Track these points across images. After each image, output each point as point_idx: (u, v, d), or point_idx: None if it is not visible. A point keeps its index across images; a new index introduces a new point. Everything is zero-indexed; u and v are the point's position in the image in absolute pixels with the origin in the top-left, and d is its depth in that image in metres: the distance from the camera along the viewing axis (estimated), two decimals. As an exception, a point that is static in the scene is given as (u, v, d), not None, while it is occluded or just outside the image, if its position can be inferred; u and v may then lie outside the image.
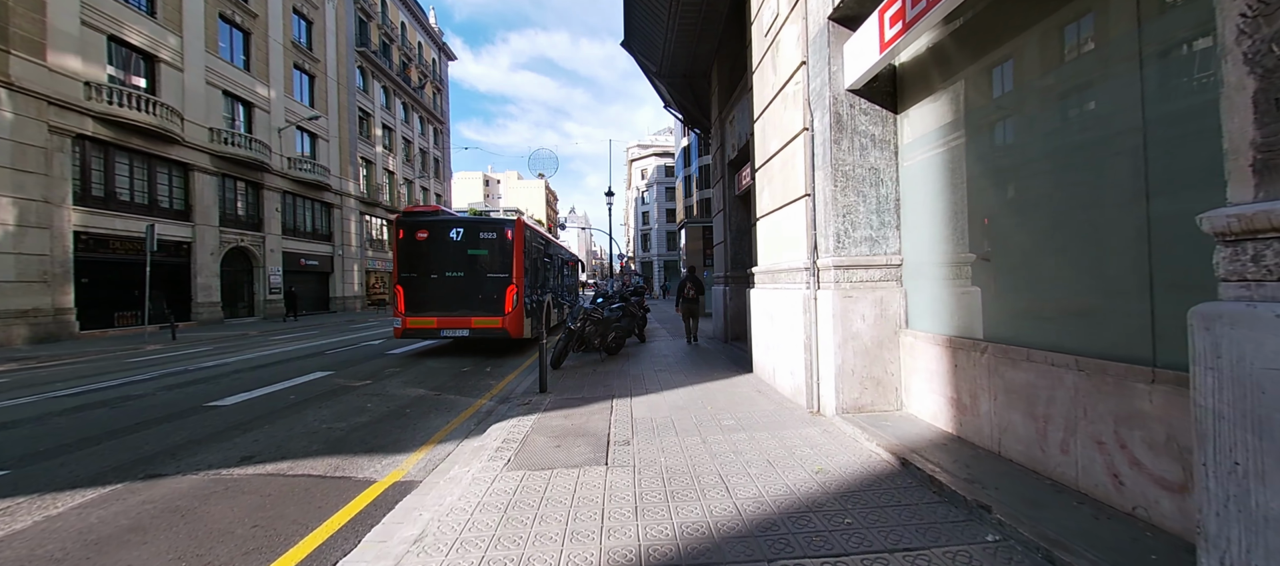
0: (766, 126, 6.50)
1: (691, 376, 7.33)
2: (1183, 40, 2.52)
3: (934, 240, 4.41)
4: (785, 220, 5.87)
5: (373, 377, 8.17)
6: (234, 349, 12.53)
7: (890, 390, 4.73)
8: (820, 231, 5.05)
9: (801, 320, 5.17)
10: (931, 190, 4.42)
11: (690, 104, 12.55)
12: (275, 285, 25.64)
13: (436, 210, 11.85)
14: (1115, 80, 2.84)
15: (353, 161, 32.76)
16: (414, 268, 10.78)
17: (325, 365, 9.48)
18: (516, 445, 4.44)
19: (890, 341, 4.72)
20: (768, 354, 6.48)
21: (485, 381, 7.90)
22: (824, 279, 4.98)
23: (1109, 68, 2.88)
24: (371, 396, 6.83)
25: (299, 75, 28.69)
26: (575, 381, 7.22)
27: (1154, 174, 2.60)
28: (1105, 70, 2.92)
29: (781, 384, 5.94)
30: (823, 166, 4.96)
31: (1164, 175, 2.56)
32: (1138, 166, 2.67)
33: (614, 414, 5.37)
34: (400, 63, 40.30)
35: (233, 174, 23.38)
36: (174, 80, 20.60)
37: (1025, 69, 3.49)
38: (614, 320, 9.38)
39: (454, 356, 10.53)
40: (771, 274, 6.38)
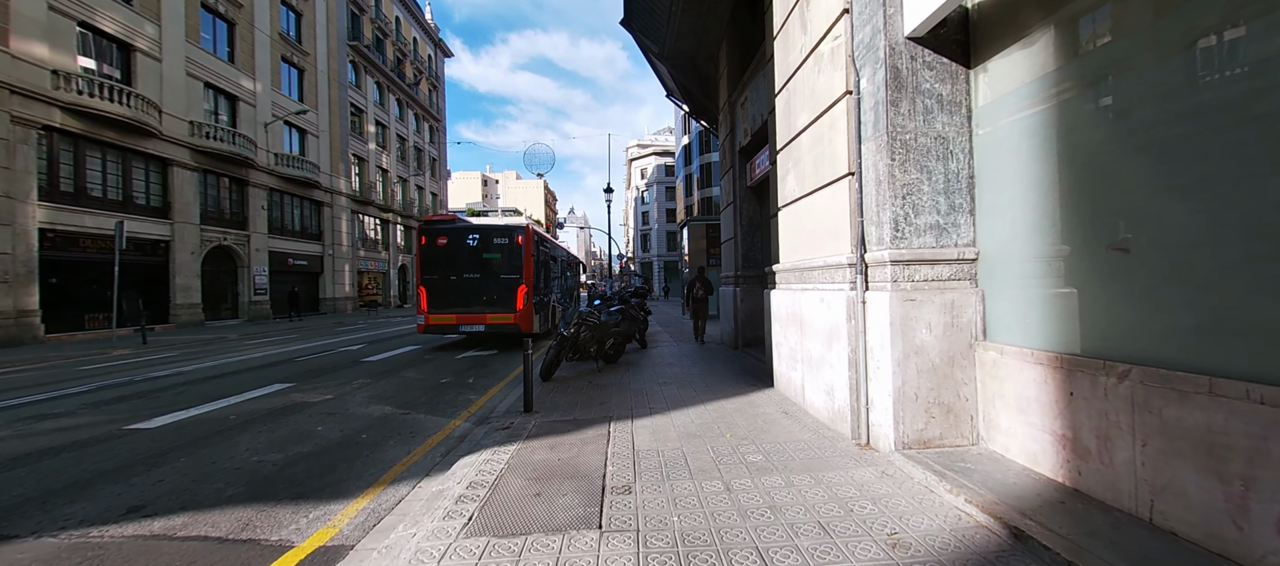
0: (792, 99, 5.49)
1: (702, 391, 6.31)
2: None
3: (1025, 227, 3.40)
4: (819, 207, 4.86)
5: (337, 391, 7.15)
6: (202, 354, 11.51)
7: (963, 420, 3.71)
8: (870, 218, 4.04)
9: (845, 328, 4.15)
10: (1021, 162, 3.41)
11: (695, 89, 11.55)
12: (261, 286, 24.62)
13: (454, 218, 13.38)
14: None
15: (344, 158, 31.75)
16: (435, 270, 12.05)
17: (289, 375, 8.45)
18: (485, 492, 3.43)
19: (963, 357, 3.71)
20: (793, 367, 5.46)
21: (464, 396, 6.88)
22: (875, 277, 3.96)
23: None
24: (327, 416, 5.81)
25: (287, 69, 27.69)
26: (567, 397, 6.20)
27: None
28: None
29: (814, 404, 4.92)
30: (874, 136, 3.95)
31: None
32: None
33: (611, 443, 4.36)
34: (394, 58, 39.31)
35: (215, 170, 22.36)
36: (151, 70, 19.58)
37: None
38: (612, 325, 8.37)
39: (436, 364, 9.52)
40: (799, 272, 5.37)
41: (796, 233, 5.51)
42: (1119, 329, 2.78)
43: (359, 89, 34.58)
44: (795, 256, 5.53)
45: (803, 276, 5.27)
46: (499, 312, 11.65)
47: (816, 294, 4.78)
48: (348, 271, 31.64)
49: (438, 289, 11.98)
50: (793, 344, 5.46)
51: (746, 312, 9.41)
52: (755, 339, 9.38)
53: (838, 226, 4.46)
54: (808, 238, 5.16)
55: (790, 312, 5.51)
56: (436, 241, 12.20)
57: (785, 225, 5.90)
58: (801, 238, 5.35)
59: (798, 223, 5.47)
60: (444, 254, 12.12)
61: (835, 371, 4.38)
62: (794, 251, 5.59)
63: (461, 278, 11.98)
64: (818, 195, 4.88)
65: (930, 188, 3.80)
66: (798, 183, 5.41)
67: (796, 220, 5.51)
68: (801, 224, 5.35)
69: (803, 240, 5.31)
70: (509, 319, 11.60)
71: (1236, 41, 2.30)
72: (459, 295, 11.88)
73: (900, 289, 3.74)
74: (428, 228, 12.49)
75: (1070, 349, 3.03)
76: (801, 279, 5.31)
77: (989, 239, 3.74)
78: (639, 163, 75.14)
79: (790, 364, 5.56)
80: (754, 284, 9.45)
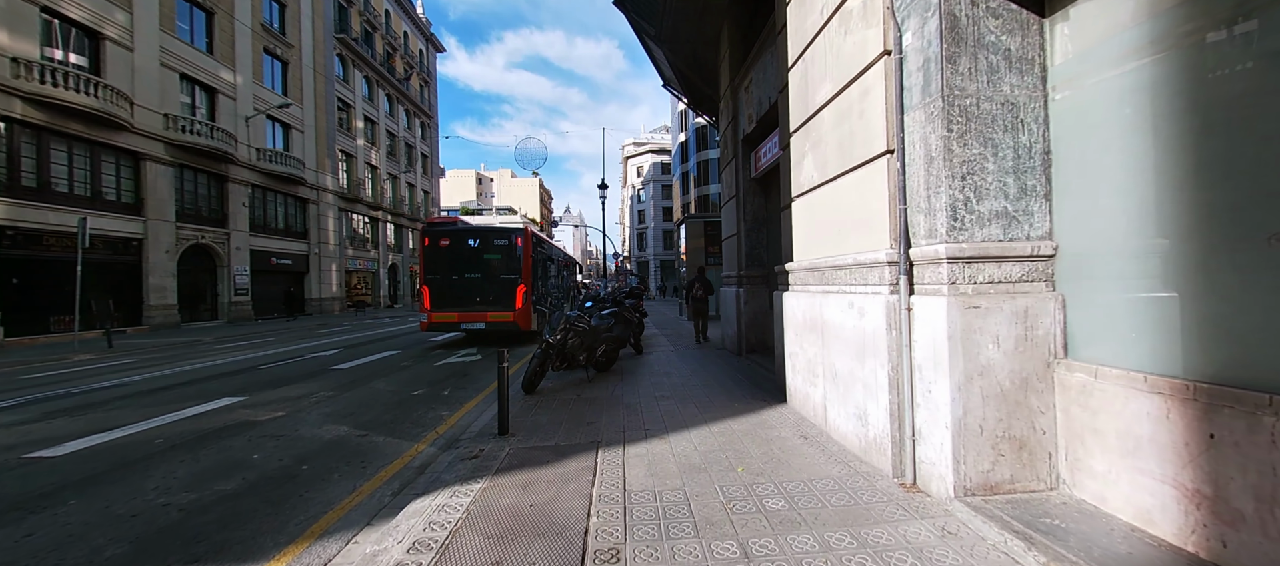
0: (810, 71, 4.72)
1: (705, 407, 5.53)
2: None
3: (1128, 214, 2.64)
4: (845, 194, 4.09)
5: (291, 407, 6.33)
6: (163, 361, 10.66)
7: (1039, 458, 2.95)
8: (916, 205, 3.27)
9: (883, 341, 3.38)
10: (1120, 132, 2.65)
11: (694, 75, 10.78)
12: (241, 286, 23.70)
13: (456, 221, 14.05)
14: None
15: (331, 154, 30.81)
16: (437, 270, 12.57)
17: (245, 386, 7.63)
18: (429, 558, 2.64)
19: (1039, 379, 2.94)
20: (811, 382, 4.70)
21: (435, 412, 6.08)
22: (925, 278, 3.19)
23: None
24: (269, 440, 5.00)
25: (270, 61, 26.73)
26: (551, 415, 5.42)
27: None
28: None
29: (840, 429, 4.15)
30: (923, 103, 3.18)
31: None
32: None
33: (598, 480, 3.57)
34: (384, 52, 38.36)
35: (192, 165, 21.42)
36: (122, 60, 18.64)
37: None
38: (604, 330, 7.59)
39: (412, 371, 8.70)
40: (819, 272, 4.60)
41: (816, 226, 4.73)
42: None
43: (346, 83, 33.63)
44: (814, 253, 4.76)
45: (824, 276, 4.50)
46: (499, 311, 12.18)
47: (843, 298, 4.01)
48: (335, 271, 30.71)
49: (440, 288, 12.50)
50: (811, 355, 4.69)
51: (751, 315, 8.64)
52: (760, 344, 8.61)
53: (871, 216, 3.69)
54: (831, 231, 4.39)
55: (808, 319, 4.74)
56: (439, 243, 12.74)
57: (801, 217, 5.12)
58: (822, 231, 4.58)
59: (817, 214, 4.70)
60: (446, 255, 12.64)
61: (870, 393, 3.61)
62: (812, 247, 4.82)
63: (463, 278, 12.50)
64: (844, 180, 4.11)
65: (996, 166, 3.03)
66: (817, 167, 4.64)
67: (815, 211, 4.74)
68: (822, 215, 4.58)
69: (824, 234, 4.54)
70: (508, 317, 12.14)
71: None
72: (460, 294, 12.41)
73: (959, 293, 2.97)
74: (430, 230, 13.04)
75: (1208, 375, 2.27)
76: (822, 279, 4.54)
77: (1070, 230, 2.98)
78: (635, 160, 74.34)
79: (808, 378, 4.79)
80: (759, 284, 8.68)
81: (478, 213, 79.19)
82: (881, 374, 3.43)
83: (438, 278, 12.60)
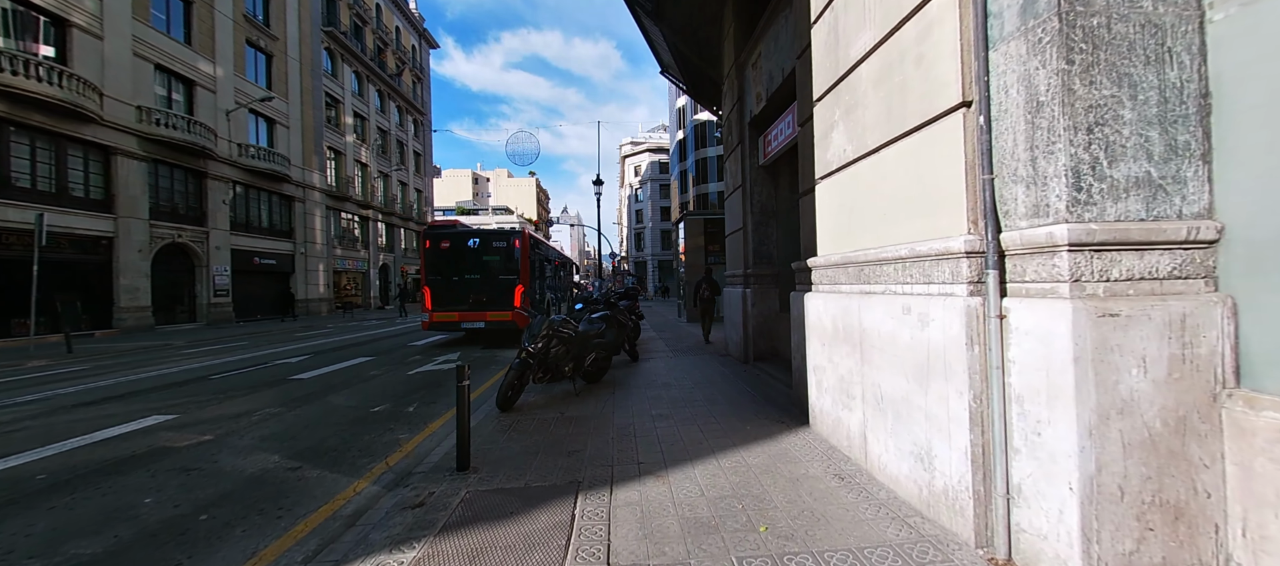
0: (843, 19, 3.82)
1: (712, 430, 4.63)
2: None
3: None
4: (896, 167, 3.19)
5: (224, 427, 5.40)
6: (120, 368, 9.71)
7: (1202, 532, 2.05)
8: (1009, 172, 2.37)
9: (960, 359, 2.49)
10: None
11: (694, 54, 9.88)
12: (221, 286, 22.71)
13: (456, 223, 14.77)
14: None
15: (318, 151, 29.84)
16: (438, 272, 13.11)
17: (184, 400, 6.69)
18: None
19: (1202, 418, 2.05)
20: (846, 406, 3.79)
21: (392, 434, 5.16)
22: (1027, 273, 2.29)
23: None
24: (178, 475, 4.07)
25: (253, 53, 25.76)
26: (525, 440, 4.51)
27: None
28: None
29: (887, 468, 3.25)
30: (1023, 30, 2.28)
31: None
32: None
33: (575, 545, 2.67)
34: (374, 47, 37.40)
35: (168, 160, 20.43)
36: (91, 49, 17.65)
37: None
38: (594, 336, 6.68)
39: (380, 382, 7.78)
40: (855, 267, 3.70)
41: (850, 211, 3.83)
42: None
43: (335, 78, 32.66)
44: (848, 244, 3.85)
45: (861, 273, 3.60)
46: (497, 311, 12.61)
47: (892, 300, 3.11)
48: (322, 271, 29.71)
49: (441, 289, 13.02)
50: (844, 371, 3.78)
51: (759, 319, 7.73)
52: (770, 351, 7.71)
53: (935, 193, 2.79)
54: (872, 216, 3.49)
55: (840, 326, 3.83)
56: (440, 245, 13.28)
57: (829, 202, 4.22)
58: (860, 217, 3.67)
59: (851, 196, 3.80)
60: (446, 257, 13.16)
61: (936, 427, 2.70)
62: (846, 237, 3.91)
63: (463, 279, 12.99)
64: (892, 150, 3.21)
65: (1135, 113, 2.13)
66: (851, 138, 3.73)
67: (848, 193, 3.84)
68: (859, 198, 3.67)
69: (862, 220, 3.63)
70: (507, 316, 12.53)
71: None
72: (460, 295, 12.88)
73: (1087, 295, 2.07)
74: (432, 232, 13.72)
75: None
76: (860, 277, 3.63)
77: (1240, 205, 2.08)
78: (632, 159, 73.48)
79: (840, 400, 3.88)
80: (767, 284, 7.78)
81: (474, 212, 78.25)
82: (956, 403, 2.53)
83: (438, 279, 13.09)
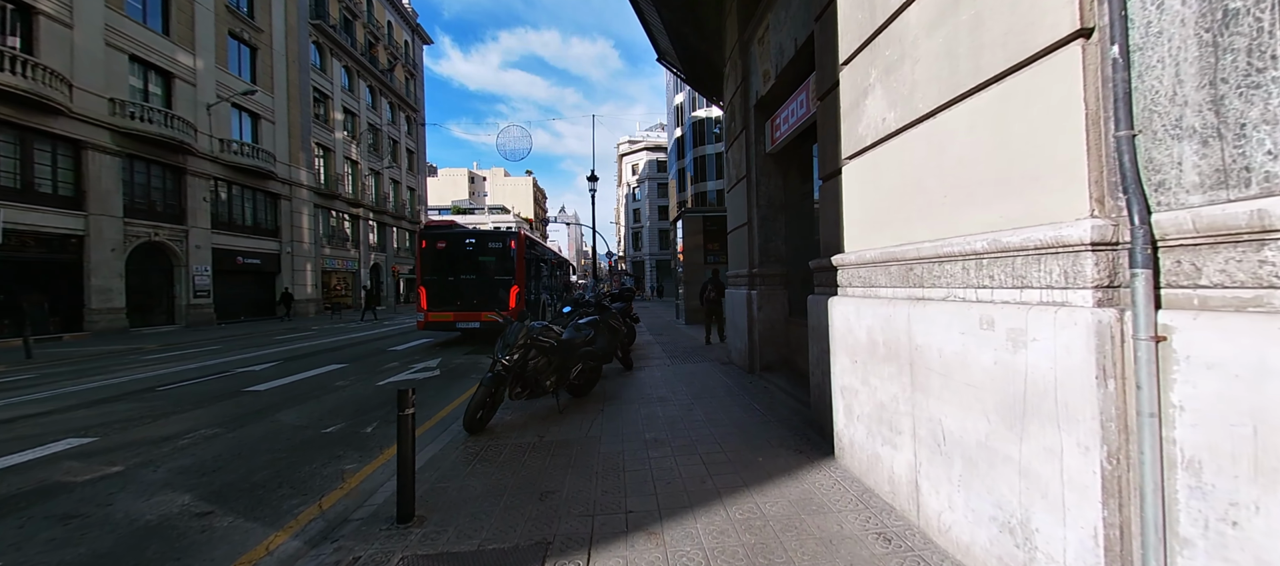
0: (879, -43, 3.04)
1: (717, 462, 3.84)
2: None
3: None
4: (967, 131, 2.41)
5: (142, 455, 4.60)
6: (71, 376, 8.88)
7: None
8: (1171, 124, 1.59)
9: (1092, 397, 1.70)
10: None
11: (693, 35, 9.10)
12: (201, 287, 21.84)
13: (452, 224, 15.50)
14: None
15: (306, 147, 28.96)
16: (434, 272, 13.26)
17: (114, 418, 5.88)
18: None
19: None
20: (888, 440, 3.01)
21: (337, 465, 4.36)
22: (1204, 274, 1.51)
23: None
24: (60, 523, 3.27)
25: (237, 46, 24.89)
26: (490, 475, 3.72)
27: None
28: None
29: (953, 531, 2.45)
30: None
31: None
32: None
33: (529, 658, 1.88)
34: (365, 41, 36.51)
35: (144, 155, 19.56)
36: (59, 38, 16.78)
37: None
38: (581, 343, 5.89)
39: (343, 395, 6.98)
40: (901, 267, 2.92)
41: (892, 194, 3.05)
42: None
43: (324, 73, 31.78)
44: (888, 236, 3.07)
45: (912, 273, 2.81)
46: (493, 311, 12.36)
47: (967, 310, 2.31)
48: (310, 271, 28.84)
49: (436, 289, 13.10)
50: (886, 398, 3.00)
51: (766, 324, 6.94)
52: (779, 361, 6.93)
53: (1031, 161, 2.01)
54: (927, 198, 2.70)
55: (879, 339, 3.05)
56: (436, 246, 13.44)
57: (861, 184, 3.44)
58: (908, 200, 2.89)
59: (895, 175, 3.01)
60: (442, 257, 13.31)
61: (1036, 488, 1.92)
62: (884, 228, 3.13)
63: (459, 279, 13.14)
64: (961, 109, 2.42)
65: (1398, 20, 1.35)
66: (894, 103, 2.95)
67: (890, 172, 3.06)
68: (906, 175, 2.89)
69: (911, 204, 2.85)
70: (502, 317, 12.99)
71: None
72: (456, 295, 12.96)
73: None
74: (428, 233, 13.82)
75: None
76: (907, 278, 2.85)
77: None
78: (630, 158, 72.67)
79: (879, 432, 3.10)
80: (775, 286, 6.99)
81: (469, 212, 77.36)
82: (1076, 462, 1.75)
83: (435, 279, 13.18)
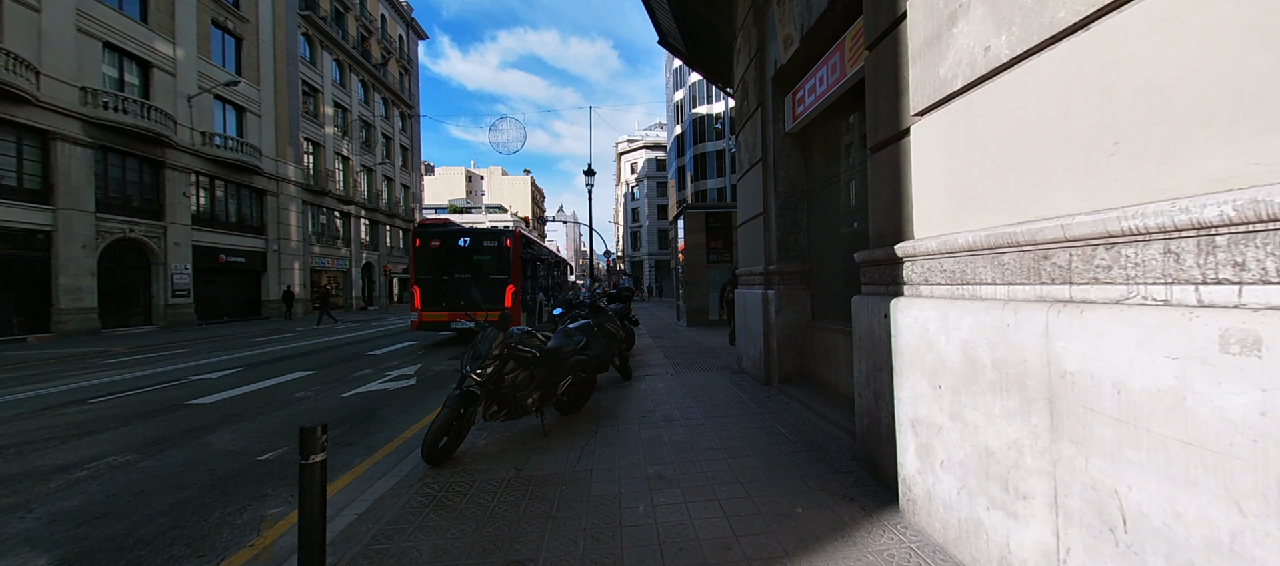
0: None
1: (743, 515, 2.93)
2: None
3: None
4: (1163, 39, 1.50)
5: (21, 491, 3.68)
6: (11, 384, 7.95)
7: None
8: None
9: None
10: None
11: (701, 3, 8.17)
12: (180, 286, 20.87)
13: (446, 222, 14.58)
14: None
15: (294, 142, 27.99)
16: (428, 271, 12.99)
17: (10, 442, 4.96)
18: None
19: None
20: (1006, 510, 2.09)
21: (258, 509, 3.44)
22: None
23: None
24: None
25: (221, 36, 23.95)
26: (446, 529, 2.80)
27: None
28: None
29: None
30: None
31: None
32: None
33: None
34: (357, 35, 35.57)
35: (118, 147, 18.60)
36: (25, 22, 15.82)
37: None
38: (570, 352, 4.98)
39: (296, 412, 6.06)
40: (1033, 255, 2.00)
41: (1004, 150, 2.14)
42: None
43: (313, 65, 30.82)
44: (997, 212, 2.17)
45: (1047, 263, 1.91)
46: (488, 311, 11.78)
47: (1197, 322, 1.40)
48: (298, 269, 27.87)
49: (430, 288, 12.85)
50: (999, 445, 2.09)
51: (786, 330, 6.03)
52: (800, 371, 6.02)
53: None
54: (1073, 150, 1.80)
55: (985, 360, 2.14)
56: (429, 244, 13.14)
57: (945, 145, 2.53)
58: (1034, 156, 1.98)
59: (1007, 125, 2.11)
60: (436, 256, 13.03)
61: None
62: (988, 200, 2.23)
63: (452, 278, 12.85)
64: (1142, 5, 1.52)
65: None
66: (1007, 22, 2.05)
67: (999, 121, 2.16)
68: (1030, 122, 1.98)
69: (1044, 161, 1.94)
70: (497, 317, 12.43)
71: None
72: (450, 294, 12.60)
73: None
74: (421, 231, 13.51)
75: None
76: (1040, 271, 1.94)
77: None
78: (629, 157, 71.79)
79: (986, 492, 2.18)
80: (796, 284, 6.09)
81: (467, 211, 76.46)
82: None
83: (428, 278, 12.91)
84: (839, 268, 5.42)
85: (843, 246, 5.32)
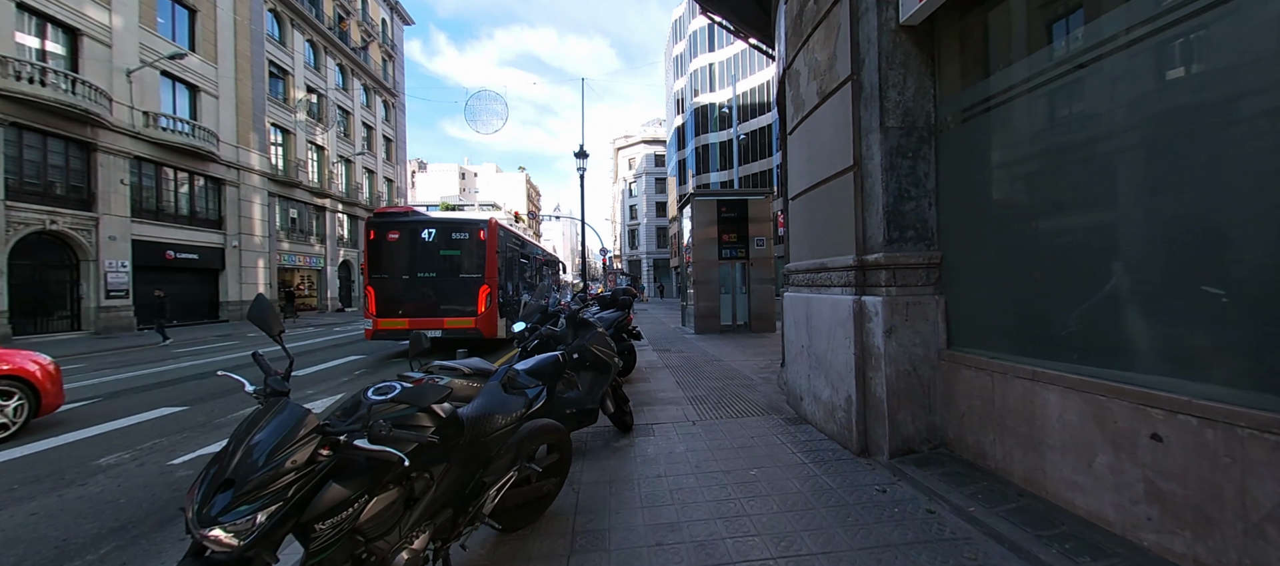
0: None
1: None
2: None
3: None
4: None
5: None
6: None
7: None
8: None
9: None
10: None
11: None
12: (116, 286, 18.31)
13: (408, 210, 11.99)
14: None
15: (258, 128, 25.40)
16: (385, 268, 10.85)
17: None
18: None
19: None
20: None
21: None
22: None
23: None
24: None
25: (171, 6, 21.37)
26: None
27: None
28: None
29: None
30: None
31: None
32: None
33: None
34: (334, 15, 32.99)
35: (37, 125, 16.06)
36: (-92, -29, 13.29)
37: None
38: (513, 420, 2.47)
39: (55, 505, 3.60)
40: None
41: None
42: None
43: (283, 45, 28.22)
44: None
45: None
46: (458, 317, 10.59)
47: None
48: (262, 267, 25.29)
49: (388, 290, 10.75)
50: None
51: (903, 363, 3.50)
52: (927, 437, 3.51)
53: None
54: None
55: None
56: (387, 236, 10.90)
57: None
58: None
59: None
60: (396, 250, 10.88)
61: None
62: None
63: (414, 277, 10.84)
64: None
65: None
66: None
67: None
68: None
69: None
70: (469, 323, 10.58)
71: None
72: (412, 297, 10.72)
73: None
74: (376, 220, 11.21)
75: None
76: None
77: None
78: (626, 152, 69.33)
79: None
80: (920, 288, 3.56)
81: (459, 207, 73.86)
82: None
83: (385, 277, 10.77)
84: (1010, 255, 2.95)
85: (1018, 218, 2.85)
